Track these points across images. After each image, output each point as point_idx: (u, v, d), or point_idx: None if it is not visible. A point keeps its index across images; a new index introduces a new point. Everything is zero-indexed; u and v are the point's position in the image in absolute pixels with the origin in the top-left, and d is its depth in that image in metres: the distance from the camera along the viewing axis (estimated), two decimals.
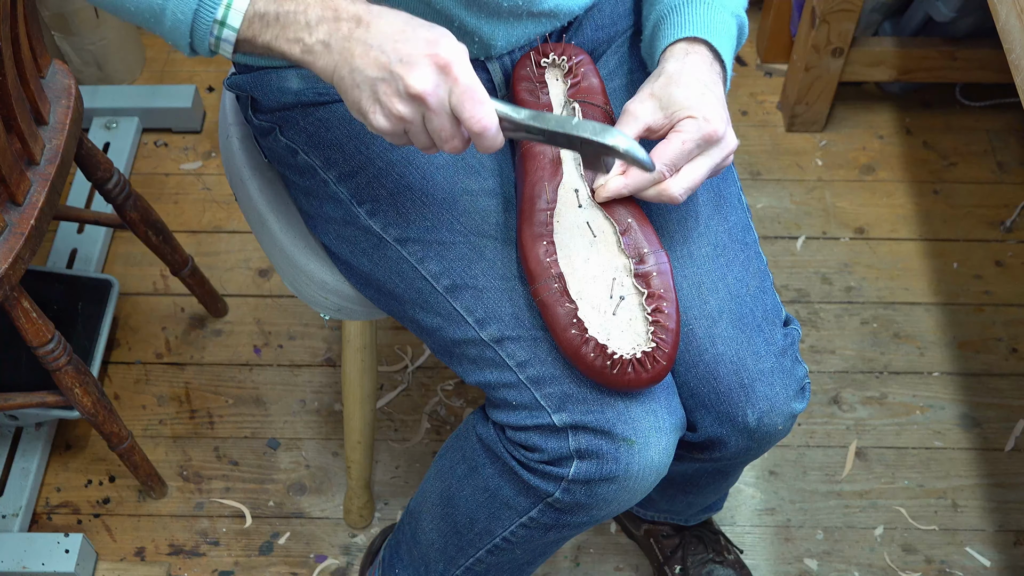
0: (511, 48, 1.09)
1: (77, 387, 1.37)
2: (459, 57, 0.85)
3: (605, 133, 0.88)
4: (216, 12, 0.88)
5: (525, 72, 1.08)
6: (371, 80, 0.86)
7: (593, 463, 0.99)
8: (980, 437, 1.68)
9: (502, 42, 1.07)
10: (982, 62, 1.90)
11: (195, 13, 0.88)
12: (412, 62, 0.84)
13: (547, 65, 1.08)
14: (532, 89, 1.07)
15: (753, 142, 2.01)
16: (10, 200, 1.23)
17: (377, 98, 0.86)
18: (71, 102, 1.33)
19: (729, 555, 1.48)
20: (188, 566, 1.56)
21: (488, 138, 0.87)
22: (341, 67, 0.87)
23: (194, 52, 0.91)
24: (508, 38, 1.07)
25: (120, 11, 0.92)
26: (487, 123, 0.86)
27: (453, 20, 1.03)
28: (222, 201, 1.92)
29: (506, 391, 1.02)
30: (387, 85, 0.86)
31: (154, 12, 0.89)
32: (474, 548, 1.15)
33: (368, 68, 0.85)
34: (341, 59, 0.86)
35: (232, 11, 0.88)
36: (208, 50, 0.91)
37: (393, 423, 1.68)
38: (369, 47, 0.85)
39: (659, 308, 0.96)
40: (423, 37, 0.86)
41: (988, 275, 1.84)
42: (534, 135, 0.90)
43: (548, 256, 0.97)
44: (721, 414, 1.06)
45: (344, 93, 0.88)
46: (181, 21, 0.89)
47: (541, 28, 1.09)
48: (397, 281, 1.08)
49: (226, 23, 0.88)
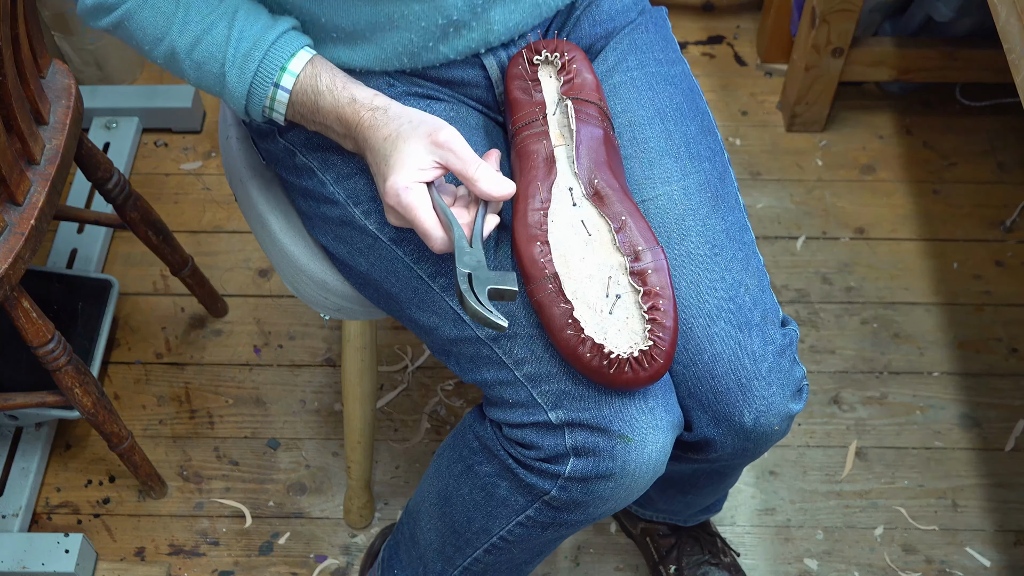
0: (510, 35, 1.08)
1: (77, 387, 1.37)
2: (397, 192, 0.96)
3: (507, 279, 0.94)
4: (264, 100, 1.03)
5: (518, 70, 1.07)
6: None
7: (590, 460, 0.99)
8: (980, 437, 1.68)
9: (499, 26, 1.07)
10: (982, 62, 1.90)
11: (248, 97, 1.02)
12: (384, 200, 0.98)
13: (540, 62, 1.08)
14: (525, 87, 1.07)
15: (753, 142, 2.01)
16: (10, 200, 1.23)
17: None
18: (71, 102, 1.33)
19: (726, 557, 1.48)
20: (188, 566, 1.56)
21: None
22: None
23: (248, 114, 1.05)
24: (506, 22, 1.07)
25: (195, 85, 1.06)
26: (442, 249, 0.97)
27: (450, 5, 1.03)
28: (222, 201, 1.92)
29: (503, 389, 1.02)
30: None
31: (218, 89, 1.03)
32: (472, 547, 1.15)
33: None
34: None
35: (276, 103, 1.03)
36: (263, 118, 1.06)
37: (393, 423, 1.68)
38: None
39: (655, 306, 0.95)
40: (384, 178, 0.98)
41: (988, 275, 1.84)
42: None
43: (543, 256, 0.97)
44: (718, 413, 1.06)
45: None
46: (238, 99, 1.03)
47: (539, 11, 1.09)
48: (394, 280, 1.08)
49: (274, 108, 1.03)
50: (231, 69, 1.00)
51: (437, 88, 1.11)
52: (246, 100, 1.02)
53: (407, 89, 1.09)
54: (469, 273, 0.93)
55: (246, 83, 1.01)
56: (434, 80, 1.11)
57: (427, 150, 0.96)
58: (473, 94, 1.13)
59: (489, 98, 1.14)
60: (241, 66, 1.00)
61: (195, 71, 1.02)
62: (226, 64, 1.00)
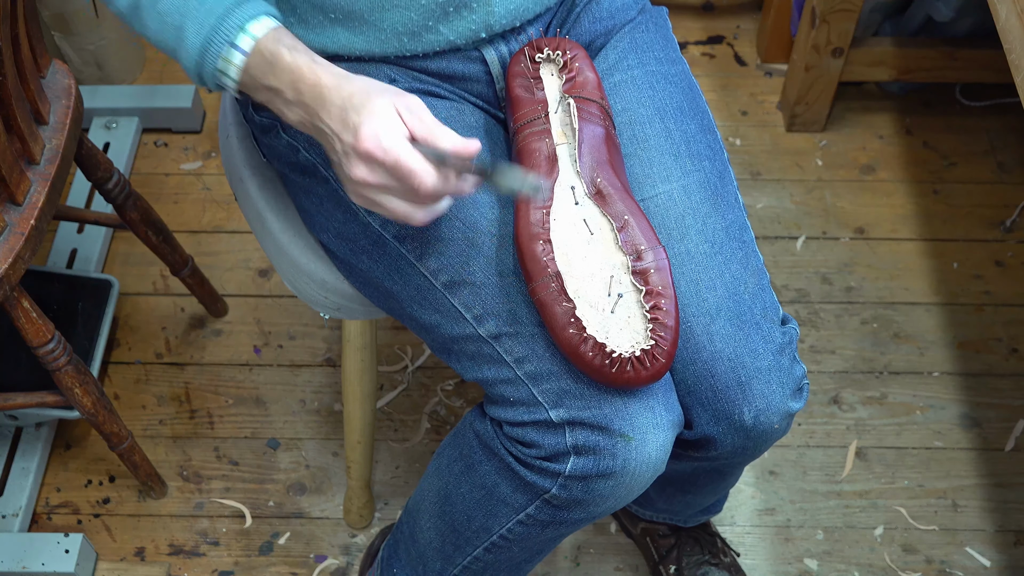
0: (511, 20, 1.08)
1: (77, 387, 1.37)
2: (373, 144, 0.90)
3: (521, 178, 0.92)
4: (216, 62, 0.95)
5: (520, 68, 1.07)
6: (338, 164, 0.95)
7: (590, 459, 0.99)
8: (980, 437, 1.68)
9: (501, 8, 1.06)
10: (982, 62, 1.90)
11: (202, 55, 0.95)
12: (349, 153, 0.93)
13: (542, 60, 1.08)
14: (527, 85, 1.07)
15: (753, 142, 2.01)
16: (10, 200, 1.23)
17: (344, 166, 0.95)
18: (71, 102, 1.33)
19: (726, 557, 1.48)
20: (188, 566, 1.56)
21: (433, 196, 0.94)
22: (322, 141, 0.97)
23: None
24: (507, 4, 1.06)
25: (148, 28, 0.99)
26: (435, 188, 0.92)
27: None
28: (222, 201, 1.92)
29: (504, 387, 1.02)
30: (344, 160, 0.94)
31: (173, 53, 0.97)
32: (471, 546, 1.15)
33: (332, 153, 0.96)
34: (319, 139, 0.97)
35: (232, 66, 0.95)
36: (215, 85, 0.98)
37: (393, 423, 1.68)
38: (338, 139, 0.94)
39: (657, 305, 0.96)
40: (357, 127, 0.91)
41: (988, 275, 1.84)
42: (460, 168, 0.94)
43: (545, 255, 0.97)
44: (718, 411, 1.06)
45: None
46: (195, 62, 0.96)
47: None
48: (396, 278, 1.08)
49: (228, 74, 0.96)
50: (191, 22, 0.95)
51: (438, 84, 1.11)
52: (200, 57, 0.95)
53: (408, 85, 1.09)
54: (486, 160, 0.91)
55: (203, 38, 0.95)
56: (436, 75, 1.11)
57: (397, 108, 0.93)
58: (474, 89, 1.13)
59: (490, 94, 1.14)
60: (202, 21, 0.95)
61: (157, 23, 0.97)
62: (187, 17, 0.95)
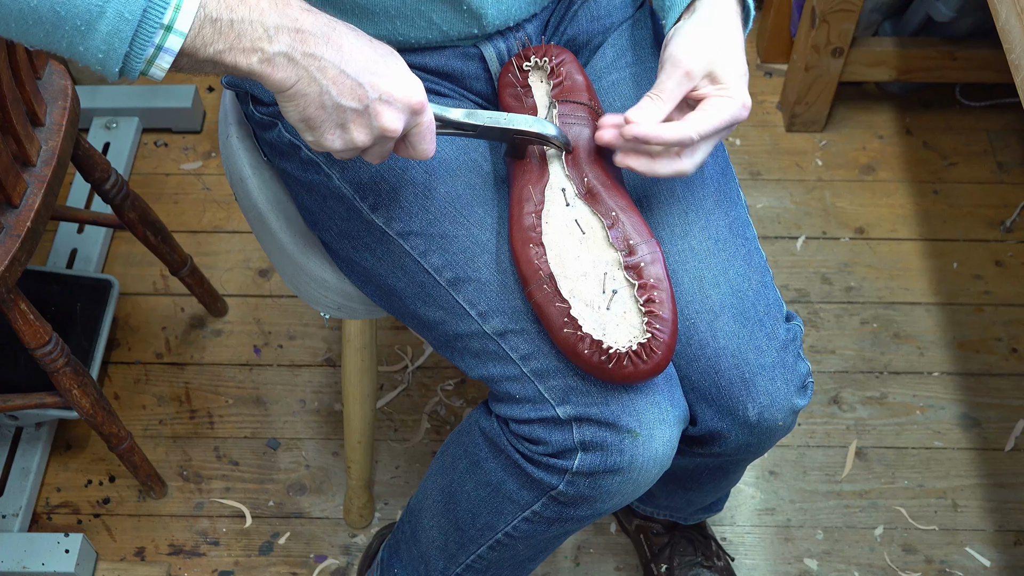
0: (505, 22, 1.08)
1: (75, 388, 1.37)
2: (424, 96, 0.89)
3: (535, 123, 0.99)
4: (163, 16, 0.78)
5: (509, 78, 1.09)
6: (343, 108, 0.86)
7: (597, 455, 0.99)
8: (980, 437, 1.68)
9: (492, 10, 1.06)
10: (982, 62, 1.90)
11: (143, 13, 0.78)
12: (389, 101, 0.87)
13: (530, 68, 1.09)
14: (517, 94, 1.08)
15: (753, 142, 2.01)
16: (6, 202, 1.23)
17: (342, 124, 0.88)
18: (67, 103, 1.33)
19: (719, 561, 1.48)
20: (188, 566, 1.56)
21: (426, 157, 0.94)
22: (307, 84, 0.85)
23: (121, 73, 0.81)
24: (499, 6, 1.06)
25: (33, 23, 0.78)
26: (431, 152, 0.94)
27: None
28: (222, 201, 1.92)
29: (509, 384, 1.02)
30: (360, 117, 0.87)
31: (91, 15, 0.78)
32: (476, 544, 1.15)
33: (343, 97, 0.86)
34: (307, 76, 0.84)
35: (181, 13, 0.79)
36: (143, 62, 0.80)
37: (393, 423, 1.68)
38: (346, 76, 0.85)
39: (651, 298, 0.96)
40: (395, 71, 0.88)
41: (988, 275, 1.84)
42: (468, 132, 0.99)
43: (538, 258, 0.98)
44: (722, 408, 1.06)
45: (298, 106, 0.86)
46: (127, 21, 0.78)
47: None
48: (400, 275, 1.08)
49: (173, 27, 0.79)
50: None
51: (438, 81, 1.12)
52: (135, 29, 0.78)
53: None
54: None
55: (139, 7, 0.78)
56: (434, 72, 1.11)
57: None
58: (474, 87, 1.13)
59: (489, 91, 1.14)
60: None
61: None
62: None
